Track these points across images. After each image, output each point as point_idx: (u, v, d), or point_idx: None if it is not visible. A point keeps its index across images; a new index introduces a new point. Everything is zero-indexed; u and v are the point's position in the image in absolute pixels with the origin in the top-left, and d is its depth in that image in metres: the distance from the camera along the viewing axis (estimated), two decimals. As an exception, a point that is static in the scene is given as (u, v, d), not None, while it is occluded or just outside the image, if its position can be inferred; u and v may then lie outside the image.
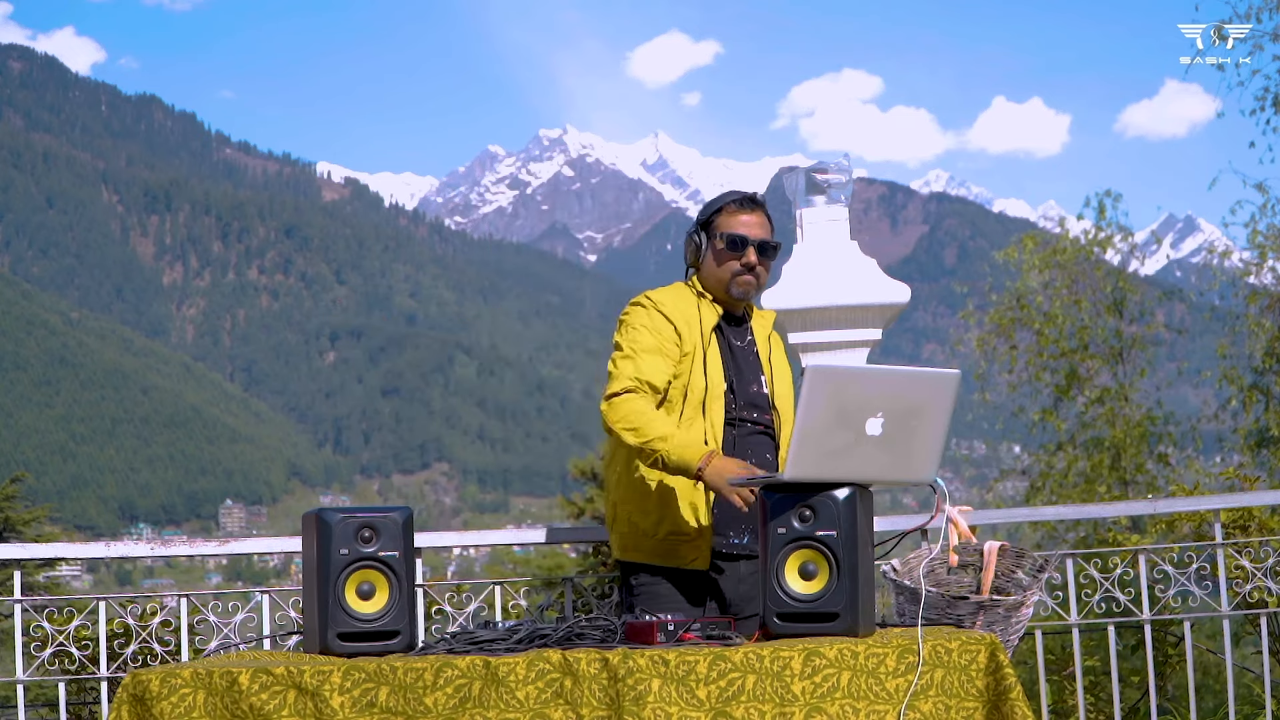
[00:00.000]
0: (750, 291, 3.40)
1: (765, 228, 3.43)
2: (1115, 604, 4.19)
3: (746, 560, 3.31)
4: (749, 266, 3.37)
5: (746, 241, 3.36)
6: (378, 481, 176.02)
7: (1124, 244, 16.78)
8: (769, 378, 3.43)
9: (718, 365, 3.33)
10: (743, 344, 3.43)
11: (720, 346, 3.38)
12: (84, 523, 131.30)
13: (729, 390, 3.34)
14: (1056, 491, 15.41)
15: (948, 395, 2.75)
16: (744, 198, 3.45)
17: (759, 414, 3.37)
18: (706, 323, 3.37)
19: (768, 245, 3.40)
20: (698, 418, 3.29)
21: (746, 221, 3.40)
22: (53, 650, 3.97)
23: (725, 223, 3.41)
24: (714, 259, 3.40)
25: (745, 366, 3.40)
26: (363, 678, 2.53)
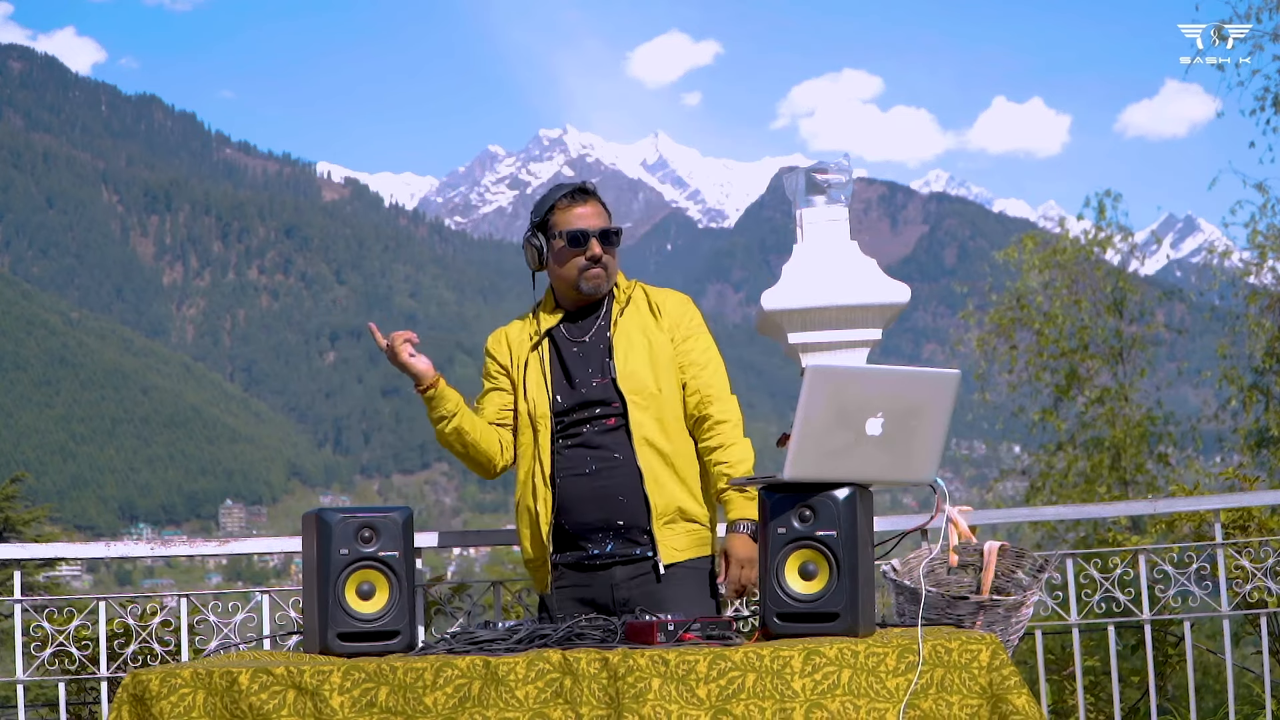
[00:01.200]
0: (601, 285, 3.29)
1: (602, 216, 3.31)
2: (1115, 604, 4.19)
3: (622, 565, 3.22)
4: (595, 259, 3.26)
5: (587, 234, 3.25)
6: (378, 481, 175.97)
7: (1124, 244, 16.79)
8: (618, 361, 3.26)
9: (538, 383, 3.27)
10: (587, 337, 3.31)
11: (549, 358, 3.30)
12: (84, 523, 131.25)
13: (557, 403, 3.25)
14: (1056, 491, 15.41)
15: (948, 395, 2.75)
16: (574, 190, 3.32)
17: (604, 409, 3.24)
18: (529, 341, 3.32)
19: (609, 233, 3.28)
20: (529, 443, 3.27)
21: (582, 214, 3.28)
22: (53, 650, 3.97)
23: (561, 220, 3.29)
24: (557, 259, 3.30)
25: (584, 364, 3.28)
26: (363, 678, 2.53)
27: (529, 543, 3.28)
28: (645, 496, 3.21)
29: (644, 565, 3.23)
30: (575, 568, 3.25)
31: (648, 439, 3.22)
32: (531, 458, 3.25)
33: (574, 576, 3.25)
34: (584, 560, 3.24)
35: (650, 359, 3.27)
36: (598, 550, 3.22)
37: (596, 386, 3.26)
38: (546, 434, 3.24)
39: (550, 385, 3.27)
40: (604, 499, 3.21)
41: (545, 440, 3.24)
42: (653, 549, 3.22)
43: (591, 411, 3.25)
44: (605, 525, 3.22)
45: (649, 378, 3.25)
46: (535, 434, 3.25)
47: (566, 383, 3.28)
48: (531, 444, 3.26)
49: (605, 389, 3.25)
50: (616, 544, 3.22)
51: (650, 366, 3.26)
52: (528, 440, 3.27)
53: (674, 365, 3.30)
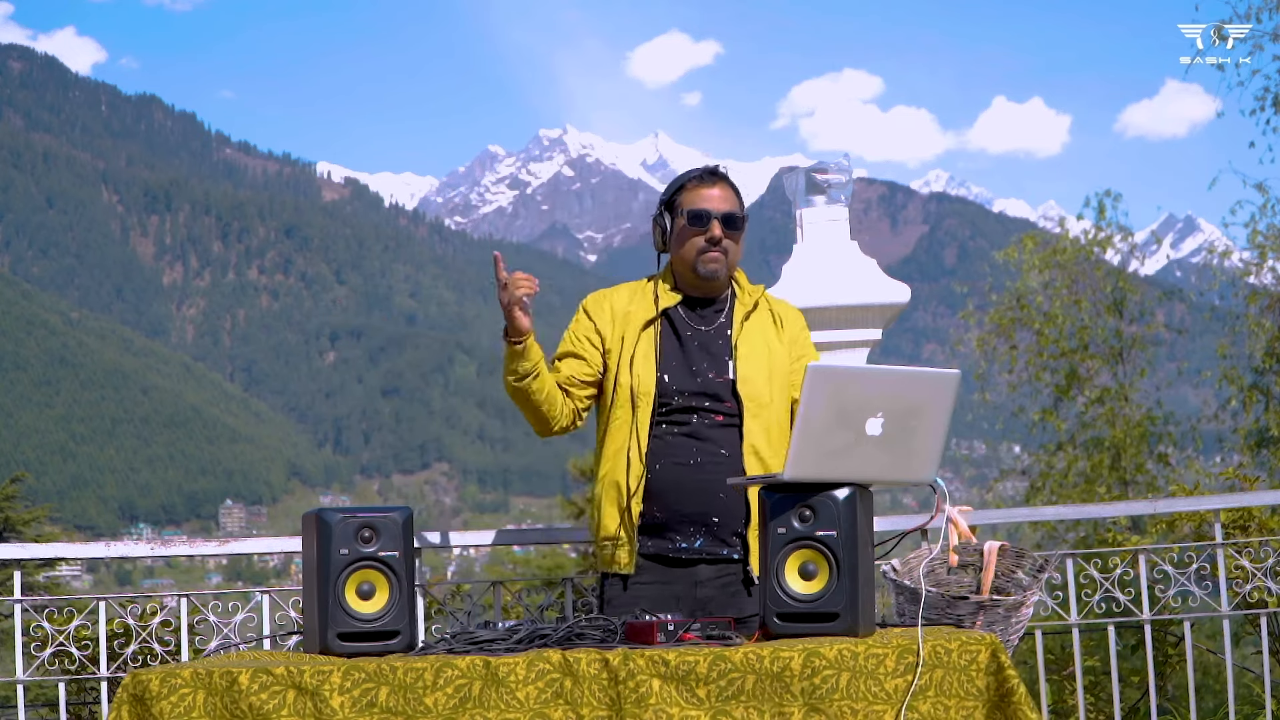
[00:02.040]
0: (719, 270, 3.22)
1: (730, 200, 3.25)
2: (1115, 604, 4.19)
3: (707, 564, 3.17)
4: (714, 241, 3.20)
5: (710, 215, 3.20)
6: (378, 481, 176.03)
7: (1124, 244, 16.79)
8: (736, 363, 3.21)
9: (648, 359, 3.19)
10: (707, 329, 3.25)
11: (662, 336, 3.22)
12: (84, 523, 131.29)
13: (665, 383, 3.18)
14: (1056, 491, 15.41)
15: (948, 395, 2.74)
16: (705, 171, 3.28)
17: (713, 404, 3.19)
18: (644, 315, 3.24)
19: (734, 218, 3.23)
20: (627, 417, 3.18)
21: (709, 195, 3.23)
22: (53, 650, 3.97)
23: (688, 199, 3.25)
24: (679, 238, 3.25)
25: (701, 354, 3.22)
26: (363, 678, 2.53)
27: (610, 518, 3.19)
28: (746, 499, 3.17)
29: (730, 568, 3.18)
30: (658, 559, 3.18)
31: (755, 446, 3.19)
32: (629, 433, 3.16)
33: (655, 571, 3.18)
34: (669, 553, 3.17)
35: (769, 368, 3.24)
36: (686, 544, 3.16)
37: (712, 380, 3.20)
38: (647, 412, 3.16)
39: (660, 364, 3.19)
40: (705, 492, 3.14)
41: (645, 418, 3.16)
42: (743, 554, 3.18)
43: (702, 403, 3.19)
44: (700, 519, 3.15)
45: (765, 387, 3.22)
46: (635, 410, 3.17)
47: (678, 366, 3.21)
48: (629, 420, 3.17)
49: (721, 386, 3.20)
50: (706, 541, 3.16)
51: (768, 376, 3.23)
52: (624, 415, 3.18)
53: (787, 379, 3.27)
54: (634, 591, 3.18)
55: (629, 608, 3.09)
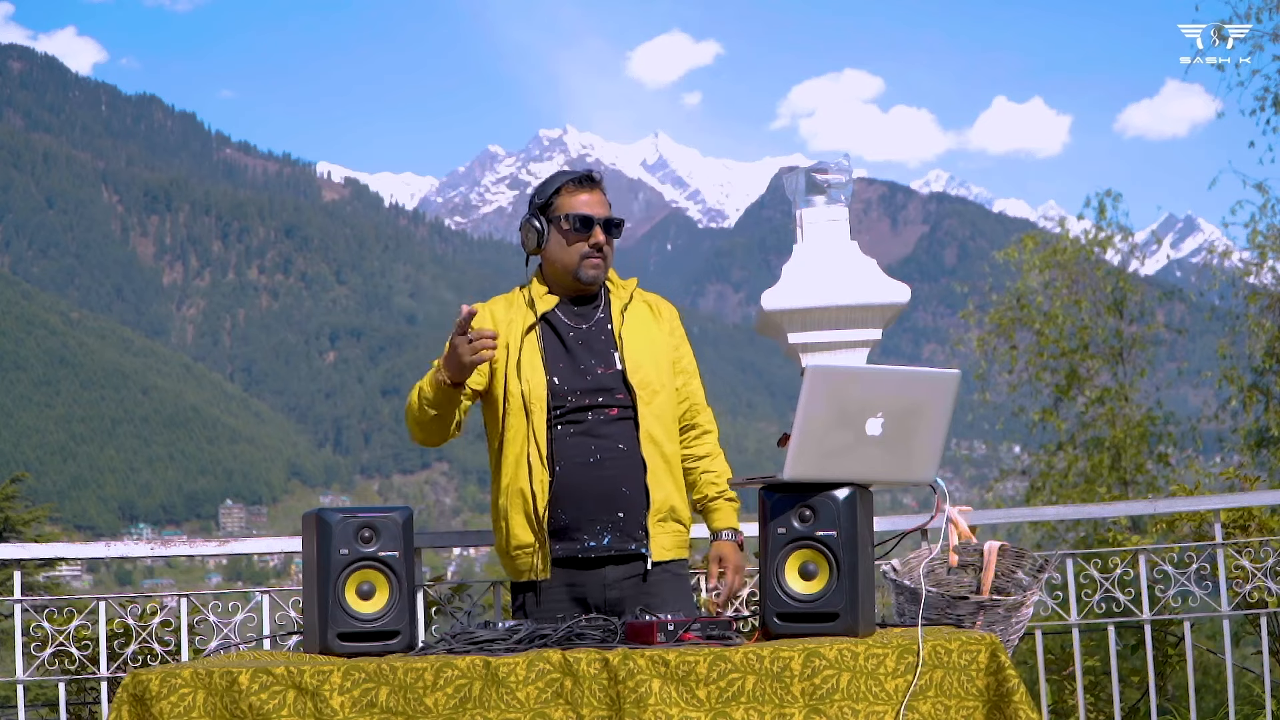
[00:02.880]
0: (600, 274, 3.25)
1: (605, 205, 3.28)
2: (1115, 604, 4.19)
3: (614, 564, 3.17)
4: (597, 247, 3.22)
5: (593, 221, 3.22)
6: (378, 481, 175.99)
7: (1124, 244, 16.77)
8: (621, 354, 3.23)
9: (535, 364, 3.19)
10: (587, 326, 3.26)
11: (546, 340, 3.23)
12: (84, 523, 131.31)
13: (556, 385, 3.18)
14: (1056, 491, 15.40)
15: (948, 395, 2.74)
16: (581, 176, 3.28)
17: (606, 398, 3.19)
18: (523, 321, 3.24)
19: (613, 223, 3.25)
20: (521, 424, 3.18)
21: (588, 201, 3.25)
22: (53, 650, 3.97)
23: (566, 204, 3.25)
24: (558, 243, 3.25)
25: (586, 352, 3.22)
26: (363, 678, 2.53)
27: (520, 527, 3.18)
28: (647, 491, 3.18)
29: (635, 564, 3.19)
30: (565, 563, 3.18)
31: (652, 435, 3.20)
32: (525, 439, 3.16)
33: (562, 574, 3.18)
34: (577, 554, 3.17)
35: (654, 356, 3.27)
36: (594, 543, 3.16)
37: (601, 375, 3.21)
38: (542, 416, 3.16)
39: (547, 367, 3.20)
40: (607, 490, 3.16)
41: (540, 423, 3.16)
42: (646, 545, 3.19)
43: (595, 399, 3.19)
44: (605, 517, 3.16)
45: (655, 375, 3.25)
46: (529, 416, 3.17)
47: (565, 367, 3.21)
48: (524, 426, 3.17)
49: (610, 379, 3.21)
50: (613, 538, 3.17)
51: (654, 364, 3.26)
52: (519, 423, 3.18)
53: (671, 367, 3.31)
54: (547, 598, 3.17)
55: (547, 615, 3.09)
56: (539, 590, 3.19)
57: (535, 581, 3.19)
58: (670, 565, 3.24)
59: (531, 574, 3.18)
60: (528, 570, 3.19)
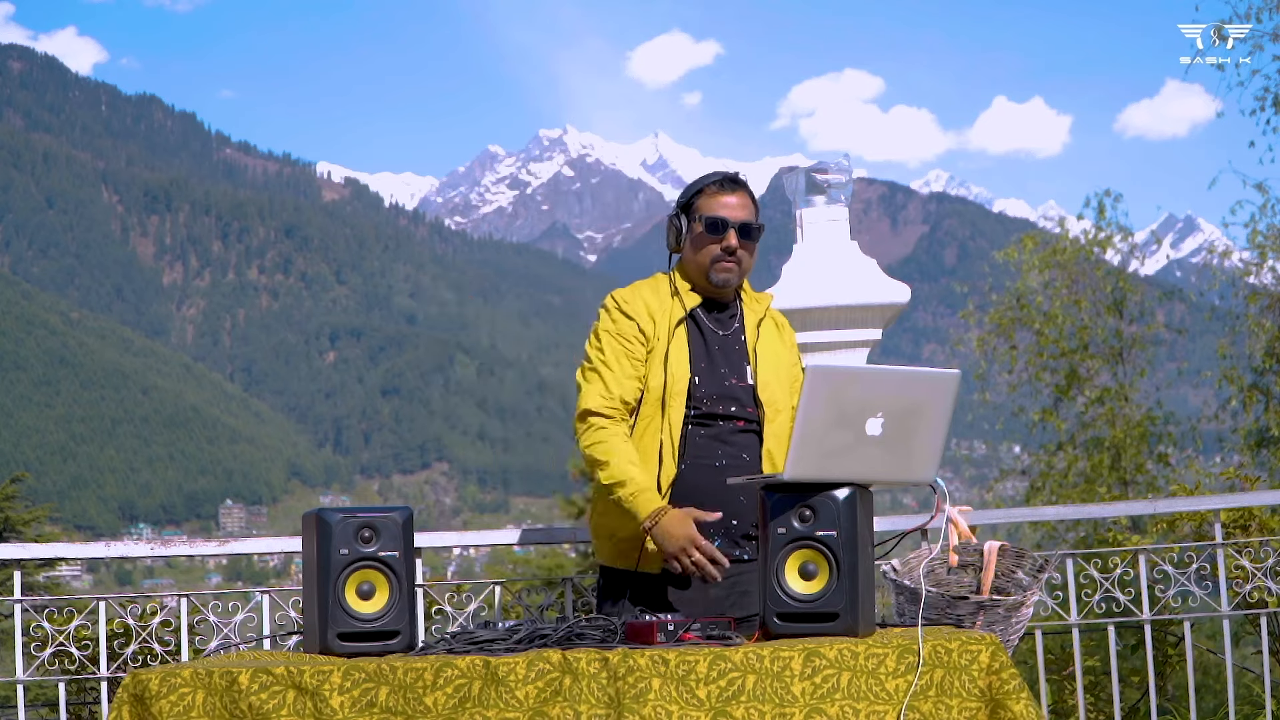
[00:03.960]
0: (732, 278, 3.23)
1: (748, 209, 3.25)
2: (1115, 604, 4.19)
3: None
4: (729, 250, 3.20)
5: (727, 224, 3.20)
6: (378, 481, 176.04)
7: (1124, 244, 16.77)
8: (754, 368, 3.23)
9: (682, 359, 3.17)
10: (725, 333, 3.26)
11: (691, 338, 3.21)
12: (84, 523, 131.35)
13: (696, 385, 3.17)
14: (1056, 491, 15.41)
15: (948, 395, 2.74)
16: (725, 178, 3.27)
17: (738, 409, 3.20)
18: (674, 314, 3.21)
19: (750, 227, 3.23)
20: (656, 416, 3.16)
21: (727, 203, 3.23)
22: (53, 650, 3.97)
23: (705, 204, 3.23)
24: (693, 244, 3.24)
25: (723, 358, 3.22)
26: (363, 678, 2.53)
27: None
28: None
29: (743, 568, 3.17)
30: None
31: (772, 452, 3.21)
32: (657, 432, 3.15)
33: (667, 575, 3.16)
34: None
35: (779, 377, 3.27)
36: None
37: (734, 385, 3.21)
38: (679, 411, 3.15)
39: (691, 366, 3.18)
40: (728, 495, 3.15)
41: (677, 418, 3.15)
42: (752, 555, 3.18)
43: (727, 407, 3.19)
44: (720, 521, 3.14)
45: (780, 393, 3.25)
46: (665, 410, 3.15)
47: (706, 369, 3.20)
48: (658, 418, 3.15)
49: (743, 391, 3.21)
50: (724, 542, 3.16)
51: (780, 384, 3.26)
52: (653, 414, 3.16)
53: (791, 388, 3.29)
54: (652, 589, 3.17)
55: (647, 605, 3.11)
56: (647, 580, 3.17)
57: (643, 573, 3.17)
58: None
59: (644, 565, 3.16)
60: (633, 561, 3.17)
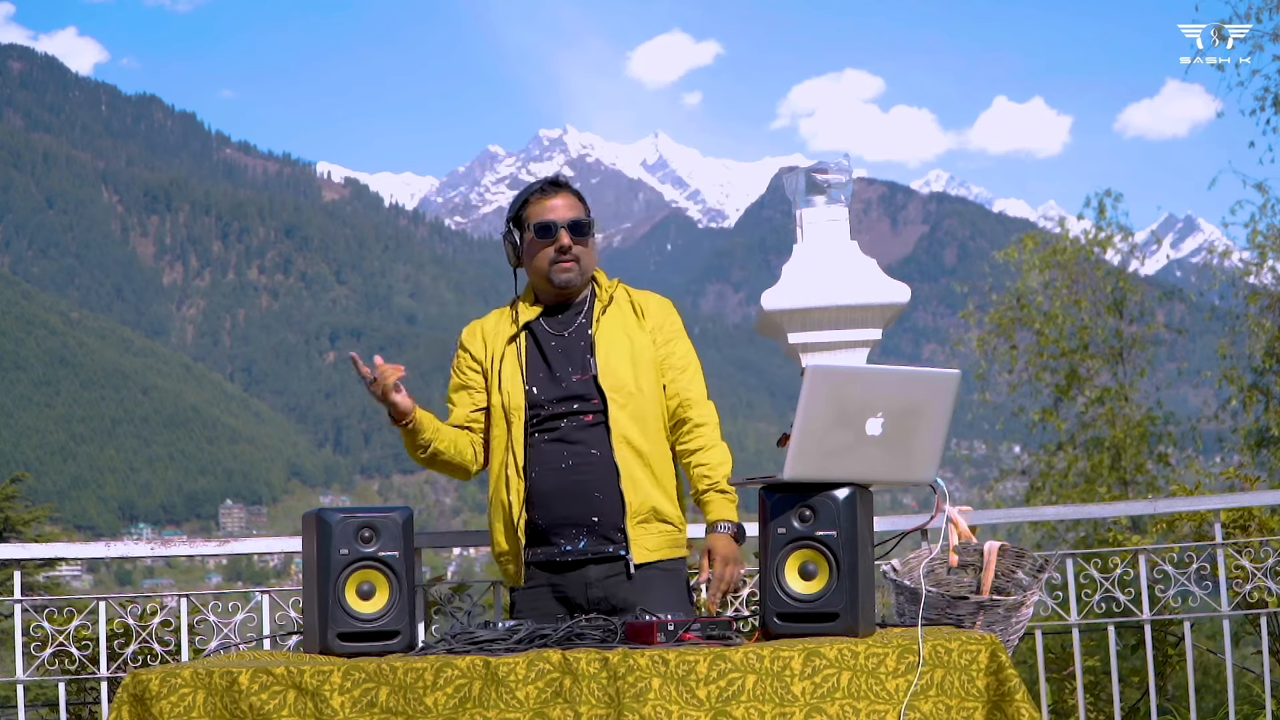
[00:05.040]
0: (573, 277, 3.27)
1: (575, 207, 3.31)
2: (1115, 604, 4.19)
3: (594, 564, 3.21)
4: (563, 250, 3.25)
5: (555, 225, 3.25)
6: (378, 481, 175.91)
7: (1124, 244, 16.77)
8: (596, 358, 3.25)
9: (514, 374, 3.25)
10: (568, 333, 3.30)
11: (527, 350, 3.28)
12: (84, 523, 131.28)
13: (534, 395, 3.24)
14: (1056, 491, 15.40)
15: (948, 395, 2.74)
16: (546, 182, 3.34)
17: (580, 404, 3.22)
18: (505, 333, 3.31)
19: (580, 224, 3.27)
20: (503, 434, 3.25)
21: (553, 205, 3.28)
22: (53, 650, 3.97)
23: (532, 213, 3.30)
24: (529, 252, 3.30)
25: (565, 359, 3.26)
26: (363, 678, 2.53)
27: (501, 535, 3.26)
28: (621, 494, 3.20)
29: (617, 564, 3.22)
30: (547, 566, 3.23)
31: (626, 437, 3.22)
32: (505, 449, 3.23)
33: (545, 575, 3.24)
34: (556, 557, 3.22)
35: (632, 358, 3.27)
36: (570, 547, 3.21)
37: (576, 382, 3.24)
38: (520, 426, 3.23)
39: (526, 377, 3.25)
40: (579, 494, 3.20)
41: (519, 432, 3.22)
42: (626, 548, 3.22)
43: (569, 406, 3.23)
44: (579, 521, 3.20)
45: (630, 377, 3.25)
46: (509, 426, 3.23)
47: (544, 376, 3.26)
48: (505, 435, 3.24)
49: (585, 385, 3.24)
50: (590, 540, 3.21)
51: (632, 366, 3.26)
52: (500, 432, 3.25)
53: (655, 366, 3.30)
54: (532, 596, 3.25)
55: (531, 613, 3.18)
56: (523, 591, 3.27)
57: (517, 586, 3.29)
58: (660, 564, 3.25)
59: (511, 580, 3.29)
60: (509, 576, 3.29)
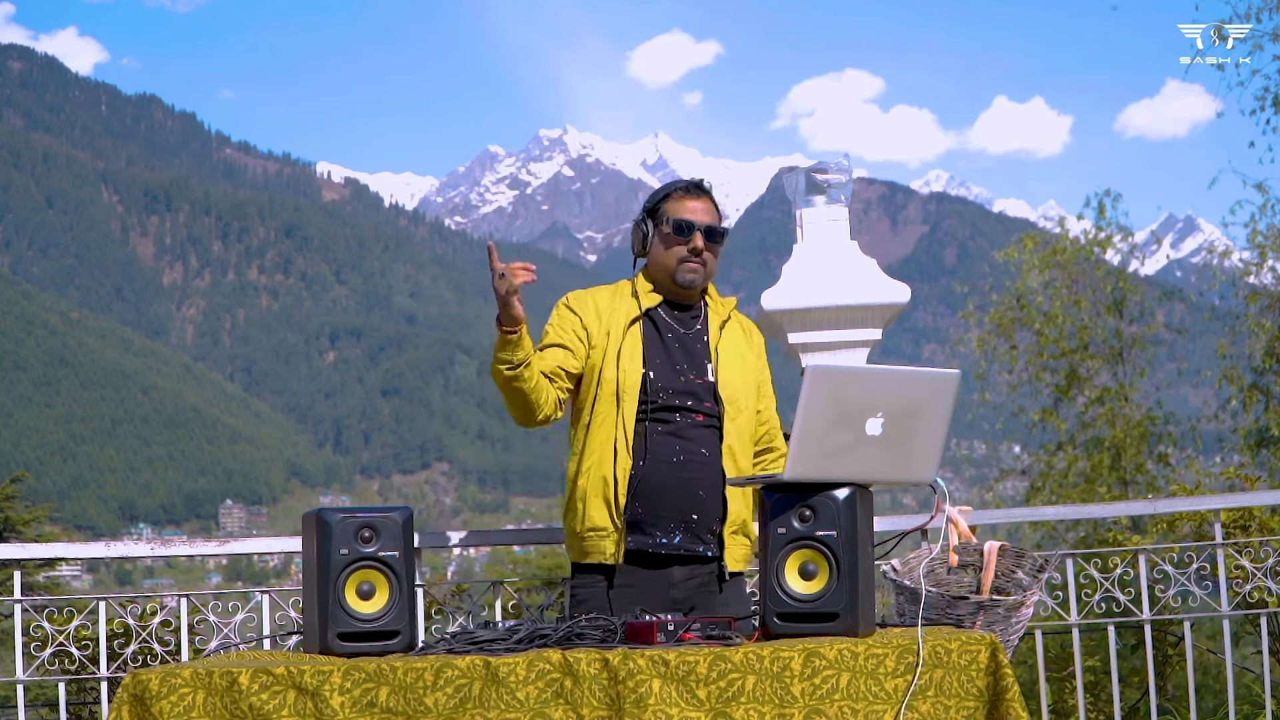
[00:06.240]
0: (697, 279, 3.32)
1: (712, 214, 3.37)
2: (1115, 604, 4.19)
3: (680, 565, 3.22)
4: (695, 251, 3.30)
5: (693, 226, 3.31)
6: (378, 481, 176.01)
7: (1124, 244, 16.77)
8: (715, 366, 3.31)
9: (634, 355, 3.26)
10: (687, 332, 3.34)
11: (647, 335, 3.30)
12: (84, 523, 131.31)
13: (651, 380, 3.25)
14: (1056, 491, 15.40)
15: (948, 395, 2.74)
16: (690, 183, 3.39)
17: (695, 403, 3.26)
18: (628, 313, 3.32)
19: (715, 230, 3.33)
20: (611, 412, 3.24)
21: (693, 207, 3.34)
22: (53, 650, 3.97)
23: (672, 209, 3.35)
24: (660, 246, 3.35)
25: (683, 355, 3.30)
26: (363, 678, 2.53)
27: (597, 510, 3.22)
28: (724, 500, 3.23)
29: (704, 568, 3.24)
30: (637, 555, 3.22)
31: (732, 449, 3.27)
32: (614, 426, 3.23)
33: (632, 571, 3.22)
34: (649, 548, 3.21)
35: (743, 376, 3.34)
36: (665, 540, 3.21)
37: (693, 381, 3.28)
38: (633, 407, 3.23)
39: (645, 360, 3.27)
40: (685, 491, 3.21)
41: (630, 413, 3.22)
42: (718, 551, 3.24)
43: (684, 401, 3.26)
44: (680, 516, 3.21)
45: (741, 392, 3.32)
46: (620, 404, 3.23)
47: (662, 364, 3.28)
48: (614, 413, 3.23)
49: (702, 388, 3.28)
50: (685, 538, 3.22)
51: (743, 382, 3.34)
52: (608, 409, 3.24)
53: (756, 390, 3.38)
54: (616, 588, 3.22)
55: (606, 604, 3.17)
56: (610, 576, 3.23)
57: (605, 566, 3.24)
58: (739, 576, 3.32)
59: (601, 557, 3.23)
60: (597, 554, 3.24)
